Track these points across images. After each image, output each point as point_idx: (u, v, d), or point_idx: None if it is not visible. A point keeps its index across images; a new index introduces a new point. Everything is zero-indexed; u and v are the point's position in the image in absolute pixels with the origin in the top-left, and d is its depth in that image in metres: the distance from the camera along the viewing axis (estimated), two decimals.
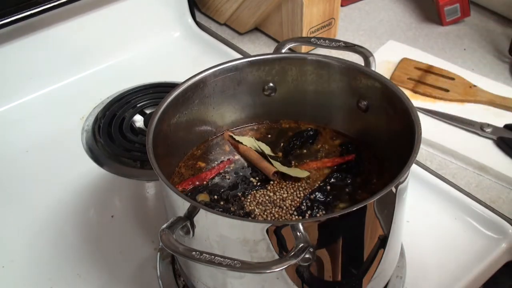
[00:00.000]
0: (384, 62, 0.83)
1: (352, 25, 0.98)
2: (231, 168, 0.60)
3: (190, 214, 0.46)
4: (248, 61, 0.60)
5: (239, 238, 0.45)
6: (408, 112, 0.51)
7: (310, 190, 0.56)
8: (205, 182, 0.58)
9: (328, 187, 0.56)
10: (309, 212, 0.54)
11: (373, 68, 0.57)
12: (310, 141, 0.62)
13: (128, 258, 0.62)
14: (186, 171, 0.59)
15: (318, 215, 0.54)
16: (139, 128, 0.79)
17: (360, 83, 0.58)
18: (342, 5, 0.97)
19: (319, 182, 0.57)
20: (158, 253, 0.62)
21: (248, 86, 0.62)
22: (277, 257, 0.45)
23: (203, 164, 0.60)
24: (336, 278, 0.49)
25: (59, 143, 0.78)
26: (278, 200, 0.55)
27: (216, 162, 0.60)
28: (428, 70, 0.83)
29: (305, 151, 0.61)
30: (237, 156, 0.61)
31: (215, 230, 0.46)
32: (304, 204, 0.55)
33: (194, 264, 0.52)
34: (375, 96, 0.57)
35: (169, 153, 0.57)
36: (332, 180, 0.57)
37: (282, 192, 0.56)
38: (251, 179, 0.58)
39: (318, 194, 0.55)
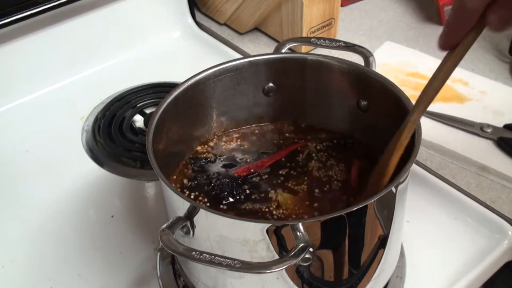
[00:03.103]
0: (381, 65, 0.83)
1: (352, 25, 0.98)
2: None
3: (190, 214, 0.46)
4: (248, 61, 0.60)
5: (239, 238, 0.45)
6: (408, 112, 0.51)
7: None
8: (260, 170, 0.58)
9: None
10: None
11: (373, 68, 0.58)
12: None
13: (128, 258, 0.62)
14: (186, 171, 0.60)
15: None
16: (139, 128, 0.79)
17: (360, 83, 0.58)
18: (342, 5, 0.97)
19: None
20: (158, 253, 0.62)
21: (248, 86, 0.62)
22: (277, 257, 0.45)
23: (202, 164, 0.60)
24: (336, 278, 0.49)
25: (59, 143, 0.78)
26: None
27: (216, 162, 0.60)
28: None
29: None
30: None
31: (215, 230, 0.46)
32: None
33: (194, 264, 0.52)
34: (375, 96, 0.57)
35: (169, 153, 0.57)
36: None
37: None
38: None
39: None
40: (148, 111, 0.80)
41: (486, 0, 0.40)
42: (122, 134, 0.77)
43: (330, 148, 0.61)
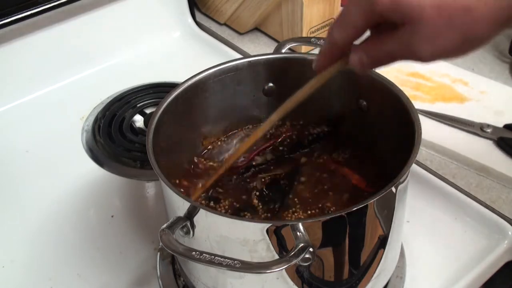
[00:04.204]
0: None
1: None
2: None
3: (190, 214, 0.46)
4: (248, 61, 0.60)
5: (239, 238, 0.45)
6: (408, 112, 0.51)
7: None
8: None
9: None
10: None
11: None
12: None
13: (128, 258, 0.62)
14: (186, 170, 0.59)
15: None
16: (139, 128, 0.79)
17: (360, 83, 0.58)
18: (342, 5, 0.97)
19: None
20: (158, 253, 0.62)
21: (248, 86, 0.62)
22: (277, 257, 0.45)
23: (202, 164, 0.60)
24: (336, 278, 0.49)
25: (59, 143, 0.78)
26: None
27: (216, 161, 0.61)
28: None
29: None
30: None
31: (215, 230, 0.46)
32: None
33: (194, 264, 0.52)
34: (375, 96, 0.57)
35: (169, 153, 0.57)
36: None
37: None
38: None
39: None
40: (148, 111, 0.80)
41: (349, 39, 0.44)
42: (122, 134, 0.77)
43: (329, 148, 0.61)
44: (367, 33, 0.44)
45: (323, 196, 0.56)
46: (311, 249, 0.43)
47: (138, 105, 0.81)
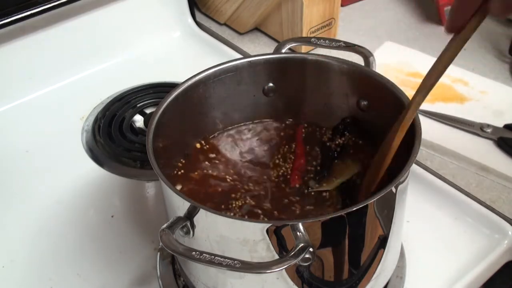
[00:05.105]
0: (381, 65, 0.83)
1: (352, 25, 0.98)
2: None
3: (190, 214, 0.46)
4: (248, 61, 0.60)
5: (239, 238, 0.45)
6: None
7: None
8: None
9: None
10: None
11: (373, 68, 0.58)
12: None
13: (128, 258, 0.62)
14: (186, 171, 0.59)
15: None
16: (139, 128, 0.79)
17: (360, 83, 0.58)
18: (342, 5, 0.97)
19: None
20: (158, 253, 0.62)
21: (248, 86, 0.61)
22: (277, 257, 0.45)
23: (202, 164, 0.60)
24: (336, 278, 0.49)
25: (59, 143, 0.78)
26: None
27: (216, 162, 0.61)
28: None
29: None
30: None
31: (215, 230, 0.46)
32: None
33: (194, 264, 0.52)
34: (375, 96, 0.57)
35: (169, 153, 0.57)
36: None
37: None
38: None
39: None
40: (148, 111, 0.80)
41: None
42: (122, 134, 0.77)
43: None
44: None
45: None
46: (311, 249, 0.43)
47: (138, 105, 0.81)
